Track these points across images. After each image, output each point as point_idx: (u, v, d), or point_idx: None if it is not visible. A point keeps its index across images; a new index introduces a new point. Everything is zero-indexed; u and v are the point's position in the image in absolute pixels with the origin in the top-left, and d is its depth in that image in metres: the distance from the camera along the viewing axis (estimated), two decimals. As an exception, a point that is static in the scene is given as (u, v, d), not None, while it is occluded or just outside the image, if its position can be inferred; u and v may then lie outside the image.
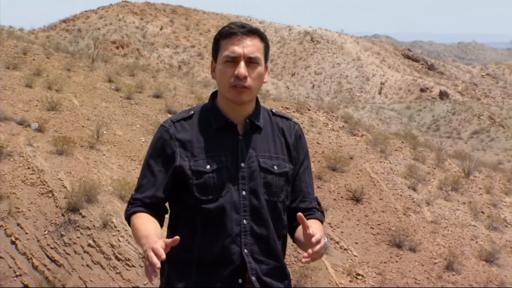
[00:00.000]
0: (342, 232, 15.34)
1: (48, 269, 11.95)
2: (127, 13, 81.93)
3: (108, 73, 22.54)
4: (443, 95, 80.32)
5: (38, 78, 19.60)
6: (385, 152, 20.33)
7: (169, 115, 17.25)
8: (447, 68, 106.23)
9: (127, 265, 12.28)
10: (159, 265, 2.95)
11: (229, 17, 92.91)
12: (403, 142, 23.08)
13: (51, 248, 12.28)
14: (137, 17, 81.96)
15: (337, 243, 14.85)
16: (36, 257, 12.11)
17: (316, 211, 3.72)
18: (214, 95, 3.60)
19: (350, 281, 13.70)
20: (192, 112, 3.51)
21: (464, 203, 18.59)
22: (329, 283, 13.32)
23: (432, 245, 15.88)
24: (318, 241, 3.19)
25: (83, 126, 16.87)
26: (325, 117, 22.77)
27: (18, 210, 12.79)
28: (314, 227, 3.36)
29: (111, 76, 22.08)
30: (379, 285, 13.86)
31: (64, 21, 78.67)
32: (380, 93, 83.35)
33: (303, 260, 3.21)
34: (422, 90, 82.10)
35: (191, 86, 25.25)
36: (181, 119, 3.48)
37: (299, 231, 3.52)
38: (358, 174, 18.12)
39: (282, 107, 21.94)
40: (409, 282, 14.20)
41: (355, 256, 14.66)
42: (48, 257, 12.16)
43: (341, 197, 16.68)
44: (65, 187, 13.52)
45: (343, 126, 22.43)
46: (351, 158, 19.01)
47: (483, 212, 18.44)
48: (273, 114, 3.65)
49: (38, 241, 12.37)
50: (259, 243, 3.44)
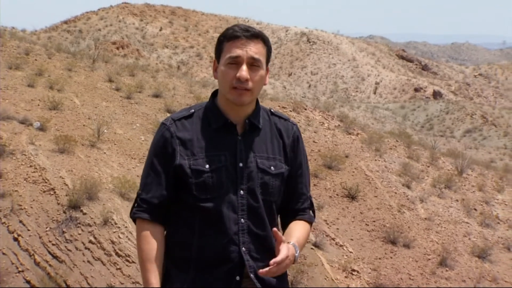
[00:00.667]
0: (337, 228, 15.35)
1: (49, 265, 11.95)
2: (127, 14, 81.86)
3: (108, 73, 22.53)
4: (436, 95, 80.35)
5: (40, 78, 19.59)
6: (380, 150, 20.34)
7: (168, 114, 17.25)
8: (441, 68, 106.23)
9: (127, 261, 12.28)
10: None
11: (227, 19, 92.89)
12: (397, 140, 23.09)
13: (53, 244, 12.27)
14: (137, 18, 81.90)
15: (333, 239, 14.86)
16: (38, 253, 12.10)
17: (307, 212, 3.78)
18: (214, 94, 3.60)
19: (345, 277, 13.71)
20: (192, 110, 3.51)
21: (457, 201, 18.61)
22: (325, 279, 13.33)
23: (426, 242, 15.89)
24: (277, 262, 3.29)
25: (84, 125, 16.86)
26: (321, 116, 22.78)
27: (20, 207, 12.78)
28: (295, 231, 3.59)
29: (111, 76, 22.07)
30: (374, 281, 13.87)
31: (65, 22, 78.58)
32: (375, 93, 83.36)
33: (259, 271, 3.32)
34: (416, 89, 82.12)
35: (189, 86, 25.25)
36: (182, 117, 3.47)
37: (286, 233, 3.61)
38: (353, 172, 18.13)
39: (279, 106, 21.94)
40: (403, 277, 14.21)
41: (351, 252, 14.66)
42: (49, 253, 12.16)
43: (337, 195, 16.68)
44: (67, 185, 13.52)
45: (339, 125, 22.44)
46: (347, 156, 19.02)
47: (475, 209, 18.45)
48: (272, 114, 3.65)
49: (40, 237, 12.36)
50: (256, 242, 3.46)
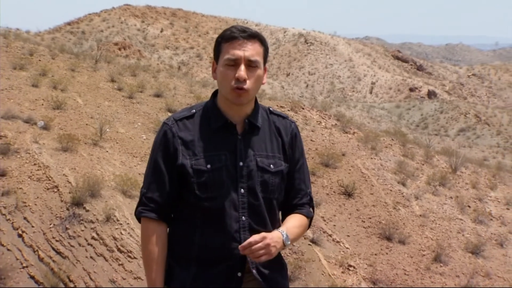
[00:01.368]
0: (334, 225, 15.35)
1: (53, 261, 11.95)
2: (129, 16, 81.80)
3: (110, 73, 22.51)
4: (431, 95, 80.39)
5: (44, 78, 19.58)
6: (375, 149, 20.34)
7: (169, 114, 17.26)
8: (435, 68, 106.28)
9: (129, 257, 12.28)
10: None
11: (227, 20, 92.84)
12: (393, 139, 23.09)
13: (56, 240, 12.27)
14: (139, 20, 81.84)
15: (330, 236, 14.87)
16: (42, 249, 12.10)
17: (305, 207, 3.76)
18: (215, 94, 3.60)
19: (342, 272, 13.72)
20: (194, 110, 3.51)
21: (451, 198, 18.61)
22: (322, 274, 13.34)
23: (420, 238, 15.90)
24: (242, 247, 3.27)
25: (87, 124, 16.86)
26: (318, 116, 22.78)
27: (24, 204, 12.78)
28: (289, 222, 3.59)
29: (113, 76, 22.05)
30: (370, 276, 13.87)
31: (68, 24, 78.49)
32: (371, 93, 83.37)
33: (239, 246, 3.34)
34: (411, 89, 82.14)
35: (190, 86, 25.24)
36: (184, 117, 3.47)
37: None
38: (350, 170, 18.13)
39: (277, 106, 21.94)
40: (398, 273, 14.22)
41: (347, 248, 14.67)
42: (53, 249, 12.16)
43: (334, 192, 16.69)
44: (70, 183, 13.51)
45: (336, 124, 22.44)
46: (343, 154, 19.02)
47: (469, 206, 18.46)
48: (271, 112, 3.66)
49: (44, 234, 12.36)
50: (248, 236, 3.44)
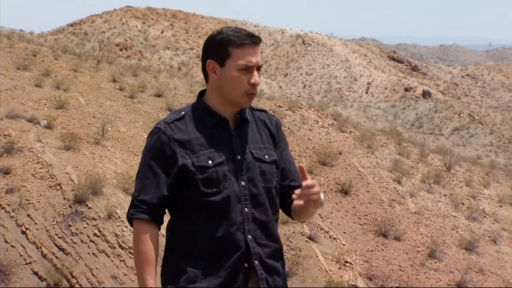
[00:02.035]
0: (331, 222, 15.35)
1: (56, 257, 11.95)
2: (130, 17, 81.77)
3: (112, 73, 22.50)
4: (426, 94, 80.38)
5: (47, 78, 19.56)
6: (371, 147, 20.34)
7: (170, 113, 17.24)
8: (430, 69, 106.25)
9: (131, 253, 12.27)
10: None
11: (226, 21, 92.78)
12: (388, 138, 23.10)
13: (59, 237, 12.27)
14: (140, 21, 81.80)
15: (327, 232, 14.87)
16: (45, 246, 12.10)
17: None
18: (201, 93, 3.58)
19: (339, 268, 13.72)
20: (183, 112, 3.47)
21: (445, 195, 18.62)
22: (319, 270, 13.35)
23: (415, 235, 15.91)
24: (308, 185, 3.26)
25: (89, 123, 16.85)
26: (315, 115, 22.77)
27: (28, 202, 12.78)
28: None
29: (115, 76, 22.04)
30: (366, 272, 13.88)
31: (71, 25, 78.47)
32: (367, 93, 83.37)
33: (293, 196, 3.37)
34: (406, 89, 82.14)
35: (190, 86, 25.22)
36: (174, 120, 3.43)
37: (295, 203, 3.54)
38: (346, 168, 18.13)
39: (275, 105, 21.94)
40: (394, 269, 14.23)
41: (344, 244, 14.67)
42: (56, 246, 12.16)
43: (331, 190, 16.69)
44: (72, 180, 13.52)
45: (333, 123, 22.43)
46: (340, 153, 19.02)
47: (463, 203, 18.47)
48: (253, 109, 3.66)
49: (47, 231, 12.36)
50: (260, 228, 3.47)
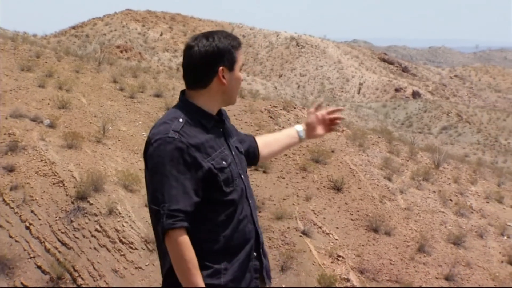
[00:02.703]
0: (324, 218, 15.36)
1: (59, 252, 11.94)
2: (130, 20, 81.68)
3: (113, 74, 22.48)
4: (415, 95, 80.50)
5: (49, 79, 19.54)
6: (363, 146, 20.35)
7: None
8: (419, 70, 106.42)
9: (131, 248, 12.28)
10: None
11: (223, 24, 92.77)
12: (379, 137, 23.11)
13: (62, 232, 12.27)
14: (139, 24, 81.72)
15: (320, 228, 14.88)
16: (48, 240, 12.09)
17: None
18: (183, 93, 3.50)
19: (331, 262, 13.73)
20: (181, 119, 3.35)
21: (434, 192, 18.64)
22: (313, 264, 13.36)
23: (405, 230, 15.93)
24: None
25: (90, 122, 16.85)
26: (309, 115, 22.75)
27: (32, 198, 12.77)
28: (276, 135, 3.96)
29: (115, 77, 22.03)
30: (358, 266, 13.89)
31: (73, 28, 78.41)
32: (358, 93, 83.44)
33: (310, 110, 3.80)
34: (396, 90, 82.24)
35: (188, 86, 25.19)
36: (181, 127, 3.31)
37: (267, 142, 3.95)
38: (339, 166, 18.14)
39: (270, 105, 21.93)
40: (384, 263, 14.25)
41: (336, 239, 14.68)
42: (59, 240, 12.15)
43: (324, 187, 16.70)
44: (75, 178, 13.51)
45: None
46: (333, 151, 19.03)
47: (451, 199, 18.49)
48: None
49: (50, 226, 12.36)
50: (256, 214, 3.53)
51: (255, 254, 3.43)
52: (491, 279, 14.74)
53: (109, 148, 15.63)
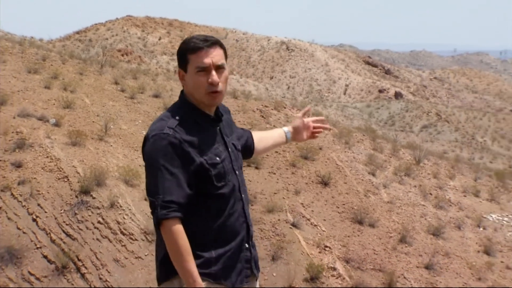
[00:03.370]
0: (312, 210, 15.38)
1: (64, 242, 11.93)
2: (130, 26, 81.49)
3: (114, 76, 22.44)
4: (397, 95, 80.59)
5: (55, 80, 19.49)
6: (349, 143, 20.38)
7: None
8: (401, 72, 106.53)
9: (131, 239, 12.27)
10: None
11: (217, 29, 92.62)
12: (364, 135, 23.15)
13: (66, 224, 12.25)
14: (139, 29, 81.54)
15: (308, 220, 14.89)
16: (53, 232, 12.08)
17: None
18: (183, 93, 3.55)
19: (319, 252, 13.75)
20: (177, 117, 3.38)
21: (415, 186, 18.69)
22: (302, 254, 13.37)
23: (388, 222, 15.96)
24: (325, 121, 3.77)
25: (93, 121, 16.82)
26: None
27: (38, 192, 12.75)
28: (268, 133, 4.17)
29: (117, 79, 21.99)
30: (343, 255, 13.92)
31: (77, 33, 78.15)
32: (344, 94, 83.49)
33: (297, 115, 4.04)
34: (380, 91, 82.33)
35: (185, 87, 25.16)
36: (176, 124, 3.34)
37: (261, 138, 4.04)
38: (326, 162, 18.16)
39: (262, 105, 21.93)
40: (369, 252, 14.27)
41: (324, 231, 14.70)
42: (64, 232, 12.13)
43: (312, 181, 16.71)
44: (78, 173, 13.49)
45: (314, 121, 22.40)
46: (320, 148, 19.04)
47: (431, 193, 18.54)
48: None
49: (55, 218, 12.34)
50: (248, 208, 3.55)
51: (247, 245, 3.45)
52: (468, 267, 14.79)
53: (111, 145, 15.61)
